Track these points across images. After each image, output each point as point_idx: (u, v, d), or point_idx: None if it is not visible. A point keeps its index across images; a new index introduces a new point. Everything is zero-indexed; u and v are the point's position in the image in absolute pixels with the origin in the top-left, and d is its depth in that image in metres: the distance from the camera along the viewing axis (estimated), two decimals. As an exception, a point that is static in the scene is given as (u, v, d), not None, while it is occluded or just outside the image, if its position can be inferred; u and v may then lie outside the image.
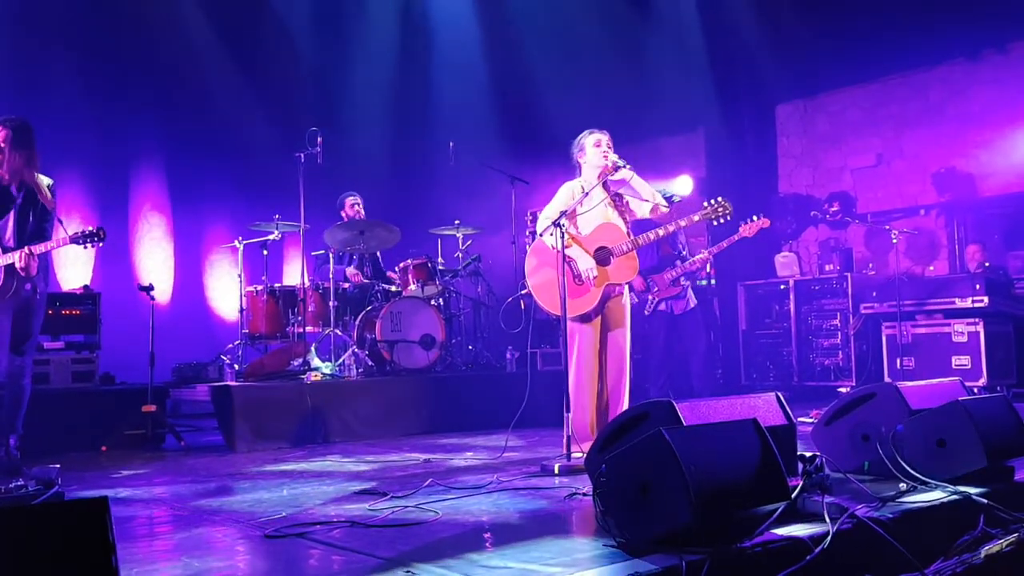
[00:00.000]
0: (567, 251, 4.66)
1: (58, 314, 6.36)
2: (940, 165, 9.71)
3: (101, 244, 4.76)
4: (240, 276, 7.54)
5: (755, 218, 6.57)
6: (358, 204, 7.95)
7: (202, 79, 9.29)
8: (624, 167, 4.79)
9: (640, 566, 2.41)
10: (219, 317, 9.91)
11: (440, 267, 7.81)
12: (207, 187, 9.65)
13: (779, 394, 3.49)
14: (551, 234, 4.56)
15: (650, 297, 7.07)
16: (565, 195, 4.87)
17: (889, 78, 10.23)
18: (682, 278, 7.01)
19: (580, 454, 4.15)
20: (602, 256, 4.79)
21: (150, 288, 6.18)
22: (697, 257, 7.00)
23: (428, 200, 10.15)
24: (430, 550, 2.74)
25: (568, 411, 4.44)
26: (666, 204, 4.98)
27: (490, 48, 10.27)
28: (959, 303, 7.78)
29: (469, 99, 10.47)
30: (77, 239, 4.70)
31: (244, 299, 7.39)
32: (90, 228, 4.75)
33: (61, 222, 4.88)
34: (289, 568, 2.61)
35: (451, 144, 8.04)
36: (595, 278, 4.71)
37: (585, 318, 4.76)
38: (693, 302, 7.14)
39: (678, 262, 7.04)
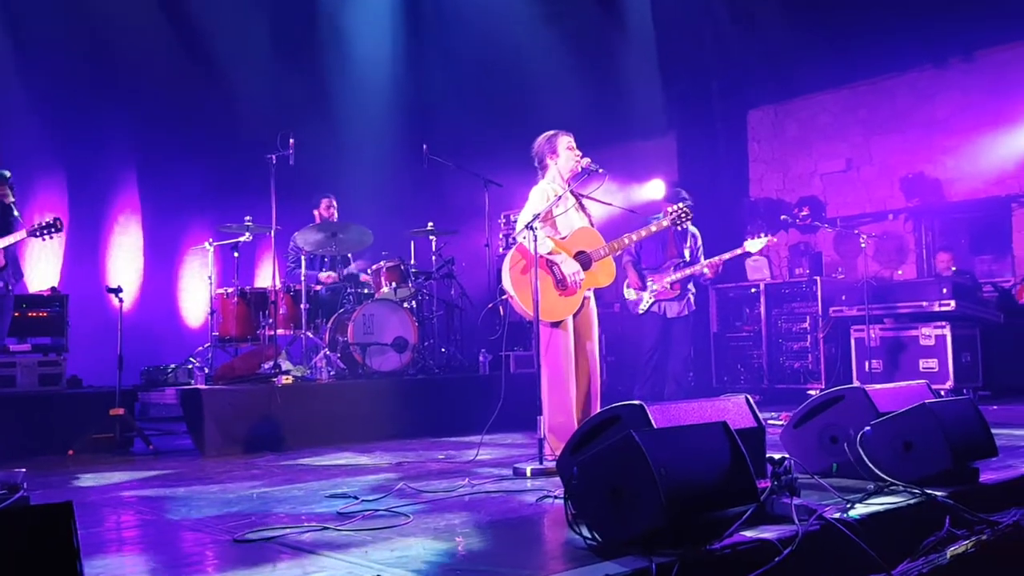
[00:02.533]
0: (551, 256, 4.67)
1: (25, 316, 6.28)
2: (908, 170, 9.85)
3: (59, 233, 4.72)
4: (210, 278, 7.47)
5: (762, 235, 6.76)
6: (333, 206, 7.92)
7: (175, 80, 9.23)
8: (598, 170, 4.80)
9: (611, 568, 2.42)
10: (189, 320, 9.83)
11: (413, 270, 7.79)
12: (179, 189, 9.57)
13: (749, 396, 3.51)
14: (524, 238, 4.55)
15: (646, 296, 7.09)
16: (539, 199, 4.84)
17: (858, 84, 10.36)
18: (679, 283, 7.06)
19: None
20: (582, 260, 4.79)
21: (119, 290, 6.11)
22: (697, 266, 7.04)
23: (401, 202, 10.13)
24: (401, 554, 2.73)
25: (541, 414, 4.45)
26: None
27: (464, 52, 10.26)
28: (926, 307, 7.89)
29: (443, 102, 10.47)
30: (35, 232, 4.66)
31: (214, 301, 7.32)
32: (47, 219, 4.70)
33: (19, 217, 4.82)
34: (259, 573, 2.59)
35: (424, 147, 8.04)
36: (581, 281, 4.71)
37: (561, 323, 4.75)
38: (690, 308, 7.18)
39: (682, 264, 7.08)
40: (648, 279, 7.11)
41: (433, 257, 8.24)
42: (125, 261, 9.44)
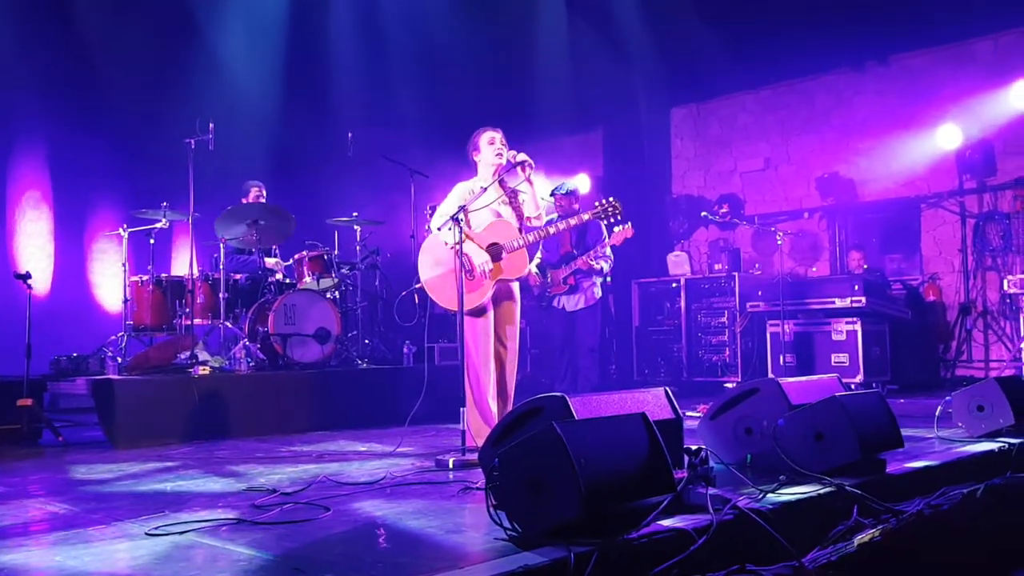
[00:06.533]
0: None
1: (-75, 302, 6.01)
2: (824, 170, 10.14)
3: None
4: (124, 265, 7.24)
5: (619, 228, 6.87)
6: (263, 195, 7.74)
7: (87, 57, 8.90)
8: (527, 162, 4.81)
9: (530, 559, 2.43)
10: (102, 308, 9.52)
11: (336, 260, 7.68)
12: (91, 171, 9.25)
13: (668, 389, 3.58)
14: (449, 229, 4.57)
15: (547, 292, 7.20)
16: (459, 193, 4.89)
17: (778, 85, 10.62)
18: (571, 276, 7.13)
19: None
20: (494, 252, 4.83)
21: (27, 276, 5.89)
22: (577, 261, 7.12)
23: (326, 191, 9.98)
24: (319, 548, 2.70)
25: (464, 406, 4.46)
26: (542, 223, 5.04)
27: (392, 41, 10.16)
28: (839, 303, 8.13)
29: (370, 91, 10.35)
30: None
31: (129, 289, 7.09)
32: None
33: None
34: (172, 567, 2.53)
35: (349, 135, 7.94)
36: (489, 271, 4.75)
37: (480, 313, 4.78)
38: (589, 300, 7.21)
39: (570, 258, 7.16)
40: (549, 274, 7.19)
41: (357, 247, 8.15)
42: (34, 245, 9.09)
